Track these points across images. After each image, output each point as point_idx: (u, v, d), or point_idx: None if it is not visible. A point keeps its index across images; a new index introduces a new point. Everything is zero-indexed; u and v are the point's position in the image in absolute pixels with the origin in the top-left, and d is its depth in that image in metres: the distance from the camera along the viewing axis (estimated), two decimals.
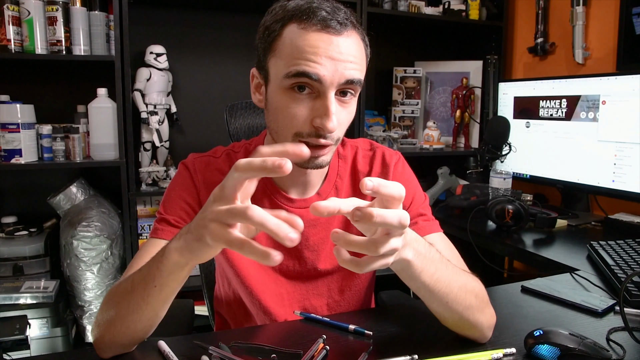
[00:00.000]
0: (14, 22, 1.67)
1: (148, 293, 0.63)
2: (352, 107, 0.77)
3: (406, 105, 2.32)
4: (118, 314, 0.66)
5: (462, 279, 0.71)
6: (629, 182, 1.54)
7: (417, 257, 0.61)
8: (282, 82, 0.73)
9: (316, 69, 0.70)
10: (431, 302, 0.70)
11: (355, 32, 0.74)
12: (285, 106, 0.74)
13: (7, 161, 1.69)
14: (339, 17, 0.71)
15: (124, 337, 0.67)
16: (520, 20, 2.28)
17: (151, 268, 0.62)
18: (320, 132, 0.72)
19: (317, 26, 0.70)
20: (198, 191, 0.84)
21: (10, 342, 1.54)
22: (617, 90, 1.57)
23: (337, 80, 0.71)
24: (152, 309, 0.65)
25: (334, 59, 0.70)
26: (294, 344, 0.72)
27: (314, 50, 0.70)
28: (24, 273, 1.78)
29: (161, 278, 0.61)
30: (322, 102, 0.72)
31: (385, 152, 0.92)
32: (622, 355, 0.71)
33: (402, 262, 0.60)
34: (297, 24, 0.72)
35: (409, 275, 0.63)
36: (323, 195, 0.87)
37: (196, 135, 2.13)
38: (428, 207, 0.91)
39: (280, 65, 0.73)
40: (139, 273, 0.64)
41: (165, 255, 0.59)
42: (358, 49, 0.74)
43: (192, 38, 2.08)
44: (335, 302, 0.90)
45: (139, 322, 0.66)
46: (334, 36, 0.71)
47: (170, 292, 0.63)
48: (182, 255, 0.57)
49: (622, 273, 1.02)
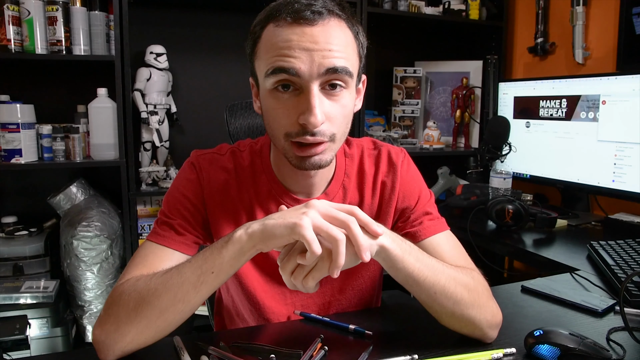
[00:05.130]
0: (14, 22, 1.67)
1: (203, 280, 0.64)
2: (344, 100, 0.74)
3: (406, 105, 2.32)
4: (157, 307, 0.65)
5: (452, 273, 0.72)
6: (629, 182, 1.54)
7: (394, 245, 0.67)
8: (265, 83, 0.72)
9: (291, 63, 0.68)
10: (420, 293, 0.71)
11: (335, 20, 0.71)
12: (272, 107, 0.73)
13: (7, 161, 1.69)
14: (314, 7, 0.69)
15: (155, 331, 0.67)
16: (520, 20, 2.28)
17: (211, 255, 0.65)
18: (306, 129, 0.70)
19: (289, 19, 0.69)
20: (203, 189, 0.83)
21: (10, 342, 1.54)
22: (617, 90, 1.57)
23: (316, 71, 0.69)
24: (200, 297, 0.66)
25: (309, 49, 0.68)
26: (294, 343, 0.72)
27: (288, 44, 0.69)
28: (24, 273, 1.78)
29: (222, 264, 0.64)
30: (304, 97, 0.70)
31: (391, 151, 0.91)
32: (622, 355, 0.71)
33: (380, 250, 0.66)
34: (273, 23, 0.72)
35: (392, 264, 0.68)
36: (330, 195, 0.87)
37: (196, 135, 2.13)
38: (434, 205, 0.90)
39: (262, 66, 0.72)
40: (187, 264, 0.66)
41: (231, 241, 0.64)
42: (339, 37, 0.71)
43: (192, 38, 2.08)
44: (336, 301, 0.90)
45: (180, 312, 0.66)
46: (307, 27, 0.69)
47: (224, 278, 0.66)
48: (252, 240, 0.63)
49: (622, 273, 1.02)
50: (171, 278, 0.66)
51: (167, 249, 0.77)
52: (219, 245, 0.65)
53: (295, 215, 0.61)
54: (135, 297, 0.66)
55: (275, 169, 0.86)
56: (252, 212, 0.85)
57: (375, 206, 0.89)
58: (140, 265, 0.75)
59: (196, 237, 0.81)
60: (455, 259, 0.80)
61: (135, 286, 0.67)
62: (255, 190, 0.85)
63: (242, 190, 0.85)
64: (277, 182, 0.85)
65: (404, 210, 0.88)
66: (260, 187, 0.85)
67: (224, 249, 0.64)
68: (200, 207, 0.83)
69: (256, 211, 0.85)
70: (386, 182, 0.89)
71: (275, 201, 0.85)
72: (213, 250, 0.65)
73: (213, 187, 0.83)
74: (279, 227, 0.61)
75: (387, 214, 0.88)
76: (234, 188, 0.85)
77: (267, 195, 0.85)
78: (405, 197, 0.88)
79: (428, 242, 0.83)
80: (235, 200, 0.84)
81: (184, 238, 0.79)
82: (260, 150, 0.88)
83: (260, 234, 0.62)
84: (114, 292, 0.70)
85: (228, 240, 0.64)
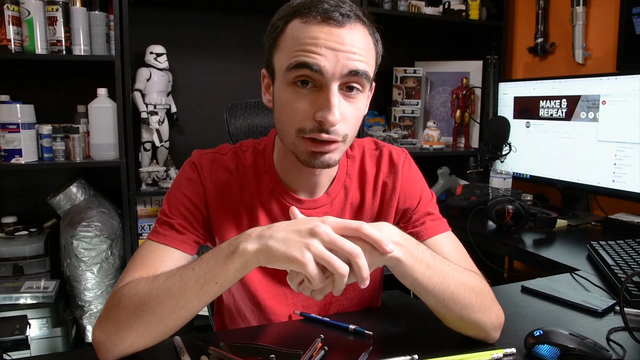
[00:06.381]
0: (14, 22, 1.67)
1: (206, 290, 0.64)
2: (359, 103, 0.75)
3: (406, 105, 2.32)
4: (158, 312, 0.64)
5: (461, 277, 0.71)
6: (629, 182, 1.54)
7: (406, 255, 0.65)
8: (285, 76, 0.72)
9: (316, 60, 0.69)
10: (428, 299, 0.70)
11: (360, 25, 0.73)
12: (288, 101, 0.73)
13: (7, 161, 1.69)
14: (342, 10, 0.71)
15: (155, 335, 0.67)
16: (520, 20, 2.28)
17: (216, 265, 0.63)
18: (322, 126, 0.71)
19: (318, 18, 0.70)
20: (205, 189, 0.83)
21: (10, 342, 1.54)
22: (617, 90, 1.57)
23: (339, 71, 0.70)
24: (202, 305, 0.65)
25: (335, 49, 0.69)
26: (294, 344, 0.72)
27: (314, 42, 0.69)
28: (24, 273, 1.78)
29: (226, 275, 0.63)
30: (324, 95, 0.71)
31: (392, 151, 0.91)
32: (622, 355, 0.71)
33: (392, 260, 0.64)
34: (299, 18, 0.72)
35: (402, 272, 0.66)
36: (332, 195, 0.87)
37: (196, 135, 2.13)
38: (435, 206, 0.90)
39: (283, 59, 0.73)
40: (190, 271, 0.65)
41: (237, 253, 0.62)
42: (363, 42, 0.73)
43: (192, 38, 2.08)
44: (336, 301, 0.90)
45: (181, 318, 0.66)
46: (336, 28, 0.70)
47: (227, 287, 0.65)
48: (257, 257, 0.61)
49: (622, 273, 1.02)
50: (173, 285, 0.65)
51: (168, 248, 0.77)
52: (224, 256, 0.63)
53: (298, 247, 0.60)
54: (136, 301, 0.66)
55: (278, 168, 0.86)
56: (253, 212, 0.85)
57: (376, 207, 0.89)
58: (140, 265, 0.75)
59: (197, 237, 0.81)
60: (457, 261, 0.80)
61: (137, 290, 0.67)
62: (257, 190, 0.85)
63: (243, 190, 0.85)
64: (280, 182, 0.85)
65: (405, 211, 0.88)
66: (262, 187, 0.85)
67: (229, 260, 0.62)
68: (201, 207, 0.83)
69: (258, 211, 0.85)
70: (387, 182, 0.89)
71: (277, 201, 0.85)
72: (218, 260, 0.63)
73: (214, 187, 0.83)
74: (281, 256, 0.60)
75: (388, 214, 0.88)
76: (235, 188, 0.85)
77: (269, 195, 0.85)
78: (406, 197, 0.88)
79: (430, 243, 0.83)
80: (236, 200, 0.84)
81: (184, 237, 0.79)
82: (263, 150, 0.88)
83: (265, 256, 0.61)
84: (114, 294, 0.70)
85: (233, 251, 0.62)
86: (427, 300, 0.71)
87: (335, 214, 0.86)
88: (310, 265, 0.59)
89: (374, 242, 0.63)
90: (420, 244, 0.70)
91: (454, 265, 0.72)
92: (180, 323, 0.67)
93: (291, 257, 0.59)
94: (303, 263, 0.59)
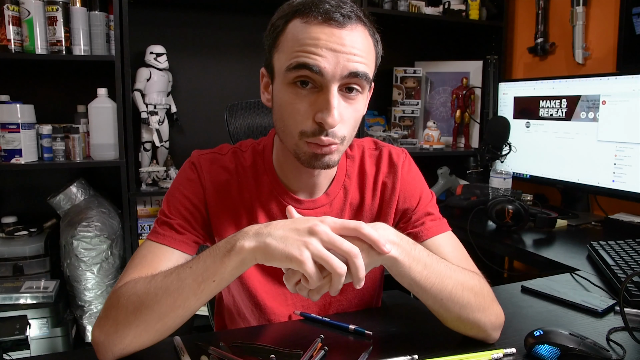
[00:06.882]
0: (14, 22, 1.67)
1: (203, 288, 0.64)
2: (358, 104, 0.75)
3: (406, 105, 2.32)
4: (157, 311, 0.64)
5: (459, 277, 0.71)
6: (629, 182, 1.54)
7: (403, 255, 0.66)
8: (285, 76, 0.72)
9: (316, 61, 0.69)
10: (426, 299, 0.71)
11: (361, 26, 0.73)
12: (288, 102, 0.73)
13: (7, 161, 1.69)
14: (344, 10, 0.70)
15: (154, 334, 0.67)
16: (520, 20, 2.28)
17: (213, 263, 0.63)
18: (322, 128, 0.71)
19: (319, 19, 0.70)
20: (204, 189, 0.83)
21: (10, 342, 1.54)
22: (617, 90, 1.57)
23: (339, 72, 0.70)
24: (200, 303, 0.65)
25: (336, 50, 0.69)
26: (294, 344, 0.72)
27: (315, 42, 0.69)
28: (24, 273, 1.78)
29: (224, 273, 0.63)
30: (324, 96, 0.70)
31: (392, 151, 0.91)
32: (622, 355, 0.71)
33: (389, 260, 0.65)
34: (300, 18, 0.72)
35: (399, 272, 0.67)
36: (331, 196, 0.87)
37: (196, 135, 2.13)
38: (435, 206, 0.90)
39: (283, 59, 0.72)
40: (187, 269, 0.65)
41: (234, 251, 0.62)
42: (364, 43, 0.72)
43: (192, 38, 2.08)
44: (336, 301, 0.90)
45: (180, 317, 0.66)
46: (336, 29, 0.70)
47: (225, 285, 0.65)
48: (255, 254, 0.61)
49: (622, 273, 1.02)
50: (171, 284, 0.65)
51: (167, 248, 0.77)
52: (221, 253, 0.63)
53: (296, 245, 0.60)
54: (135, 301, 0.66)
55: (277, 168, 0.86)
56: (253, 212, 0.85)
57: (376, 207, 0.89)
58: (140, 265, 0.75)
59: (196, 237, 0.81)
60: (457, 261, 0.80)
61: (135, 289, 0.67)
62: (257, 190, 0.85)
63: (243, 190, 0.85)
64: (279, 182, 0.85)
65: (405, 211, 0.88)
66: (261, 187, 0.85)
67: (226, 258, 0.62)
68: (200, 207, 0.83)
69: (257, 211, 0.85)
70: (387, 182, 0.89)
71: (277, 201, 0.85)
72: (215, 258, 0.63)
73: (214, 187, 0.83)
74: (279, 254, 0.60)
75: (388, 214, 0.88)
76: (234, 188, 0.85)
77: (269, 195, 0.85)
78: (406, 198, 0.88)
79: (430, 243, 0.83)
80: (236, 200, 0.84)
81: (184, 237, 0.79)
82: (262, 150, 0.88)
83: (262, 254, 0.61)
84: (113, 293, 0.70)
85: (230, 249, 0.62)
86: (425, 300, 0.71)
87: (335, 214, 0.86)
88: (308, 264, 0.59)
89: (371, 242, 0.63)
90: (417, 244, 0.70)
91: (452, 265, 0.72)
92: (179, 322, 0.67)
93: (289, 255, 0.59)
94: (301, 261, 0.59)
